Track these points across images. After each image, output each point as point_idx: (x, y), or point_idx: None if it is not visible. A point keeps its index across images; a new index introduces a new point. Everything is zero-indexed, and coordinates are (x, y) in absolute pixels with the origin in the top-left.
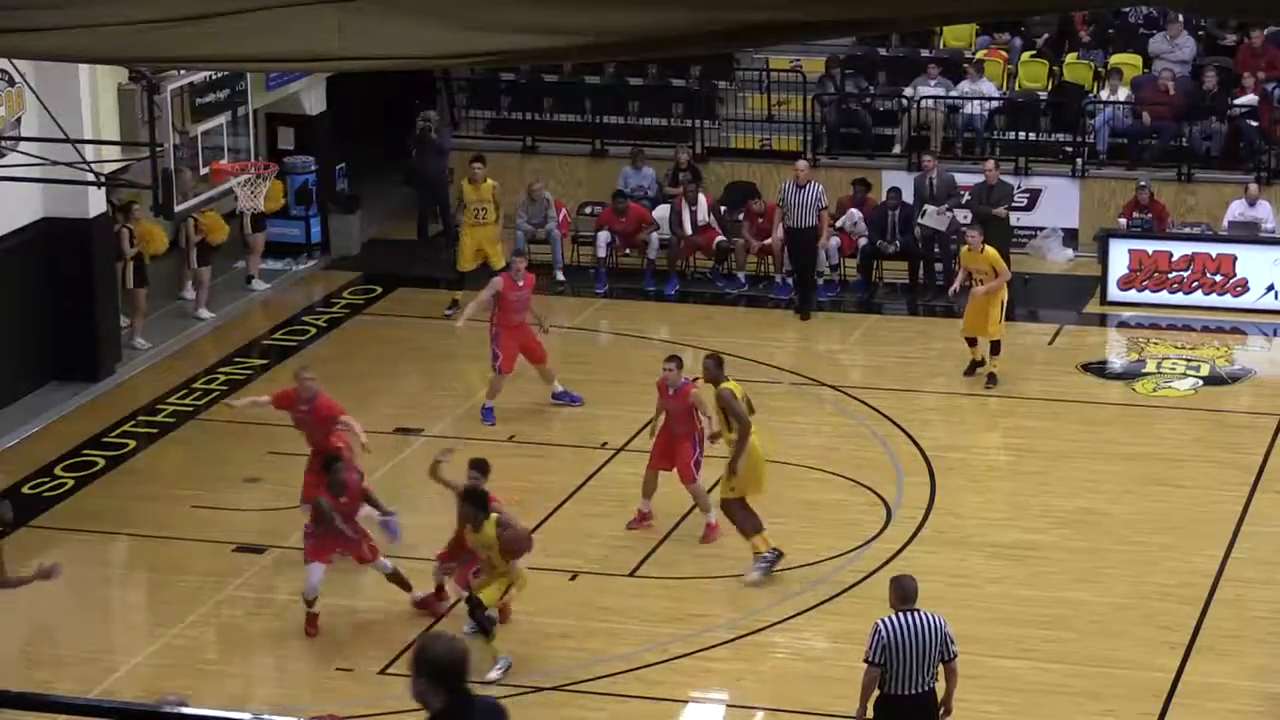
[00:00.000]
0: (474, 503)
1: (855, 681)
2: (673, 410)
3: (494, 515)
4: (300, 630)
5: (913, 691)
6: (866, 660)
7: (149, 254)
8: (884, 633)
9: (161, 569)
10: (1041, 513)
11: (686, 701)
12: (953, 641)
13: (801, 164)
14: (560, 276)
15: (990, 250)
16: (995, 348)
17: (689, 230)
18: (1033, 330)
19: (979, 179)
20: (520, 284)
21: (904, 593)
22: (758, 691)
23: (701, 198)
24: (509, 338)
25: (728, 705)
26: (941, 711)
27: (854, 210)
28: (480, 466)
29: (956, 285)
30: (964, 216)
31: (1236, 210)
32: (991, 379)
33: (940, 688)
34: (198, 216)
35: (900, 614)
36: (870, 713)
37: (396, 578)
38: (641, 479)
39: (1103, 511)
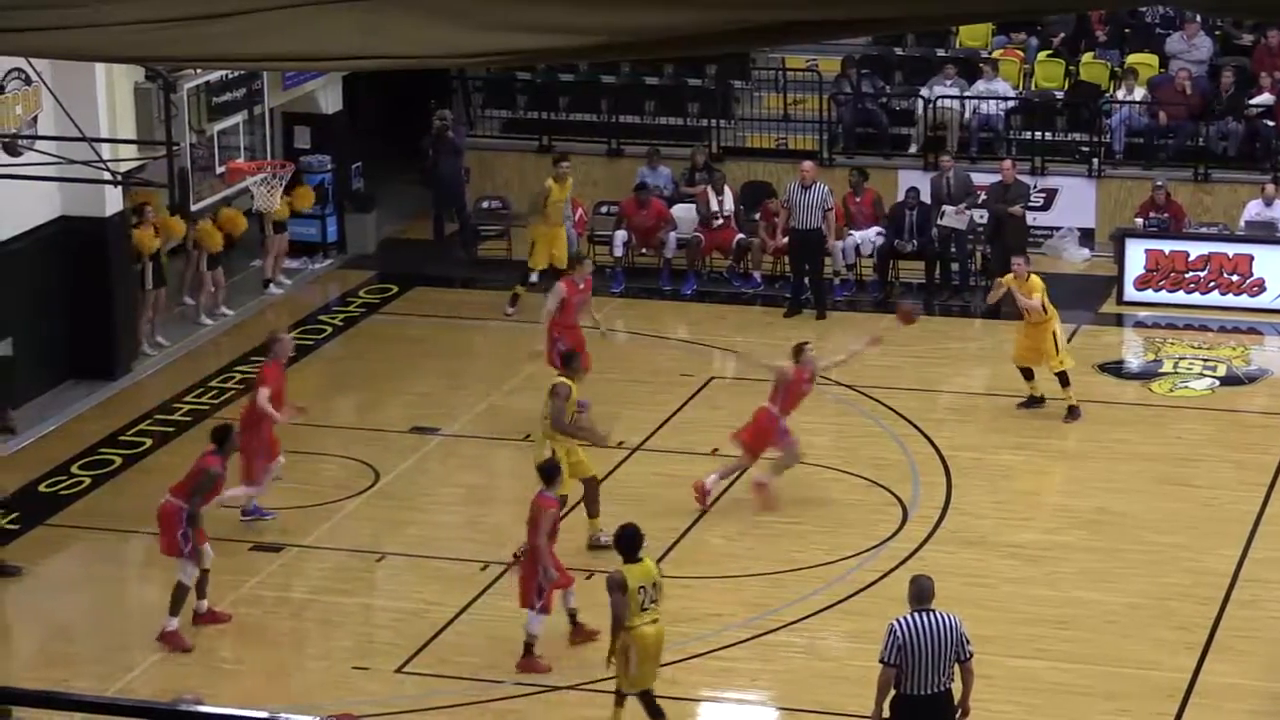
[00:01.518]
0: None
1: (871, 681)
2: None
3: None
4: (318, 628)
5: (928, 692)
6: (882, 660)
7: (158, 249)
8: (899, 633)
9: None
10: (1058, 513)
11: (703, 700)
12: (969, 642)
13: (807, 165)
14: None
15: (1035, 279)
16: (1064, 379)
17: (720, 220)
18: None
19: (995, 178)
20: (581, 286)
21: (920, 593)
22: (774, 691)
23: (728, 189)
24: (570, 340)
25: (744, 704)
26: (959, 713)
27: (857, 233)
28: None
29: (993, 299)
30: (981, 216)
31: (1253, 210)
32: (1072, 413)
33: (957, 688)
34: (196, 223)
35: (916, 614)
36: (886, 713)
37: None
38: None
39: (1119, 511)
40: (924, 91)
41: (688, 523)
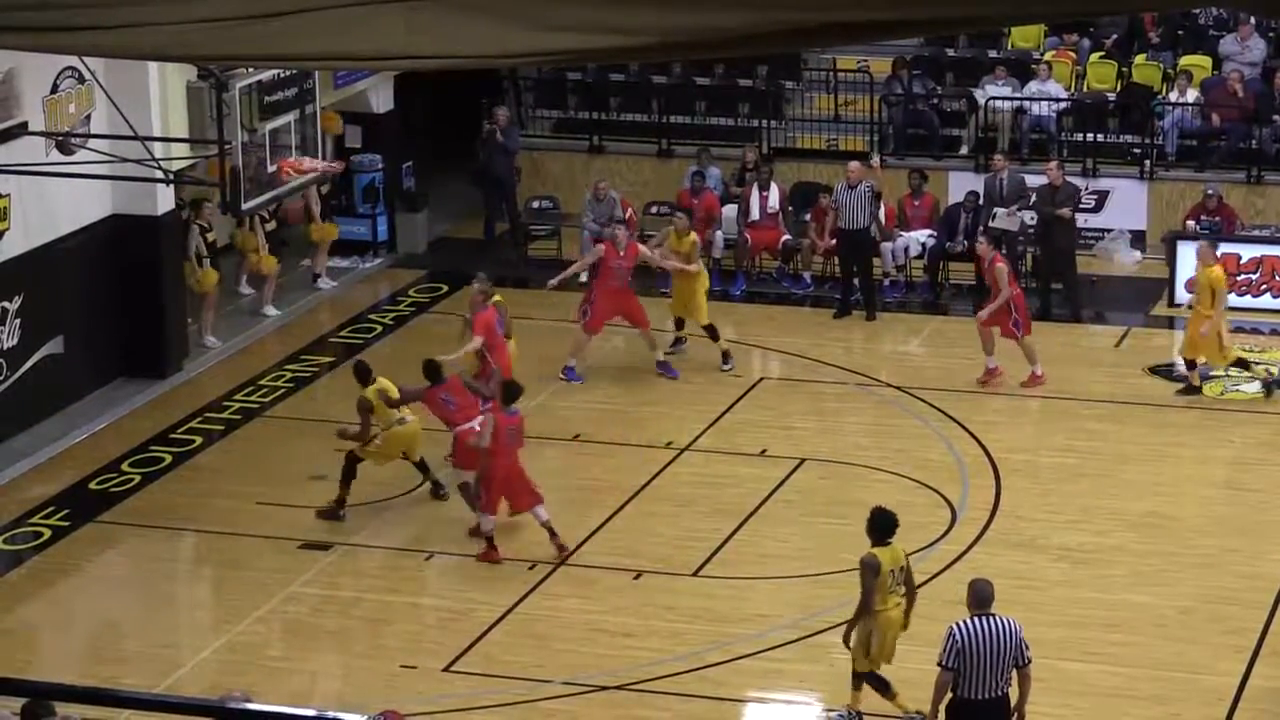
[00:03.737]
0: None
1: (919, 683)
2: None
3: None
4: (366, 626)
5: (985, 696)
6: (940, 664)
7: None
8: (958, 636)
9: (227, 565)
10: (1108, 516)
11: (750, 702)
12: (1028, 647)
13: (854, 165)
14: None
15: (1218, 271)
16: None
17: (756, 215)
18: (1100, 332)
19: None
20: (621, 253)
21: (979, 597)
22: (822, 692)
23: (774, 187)
24: (604, 301)
25: (792, 705)
26: (1015, 718)
27: (906, 235)
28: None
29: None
30: (1032, 217)
31: None
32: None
33: (1014, 694)
34: (263, 214)
35: (975, 618)
36: (942, 716)
37: None
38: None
39: (1169, 515)
40: (976, 92)
41: (735, 523)
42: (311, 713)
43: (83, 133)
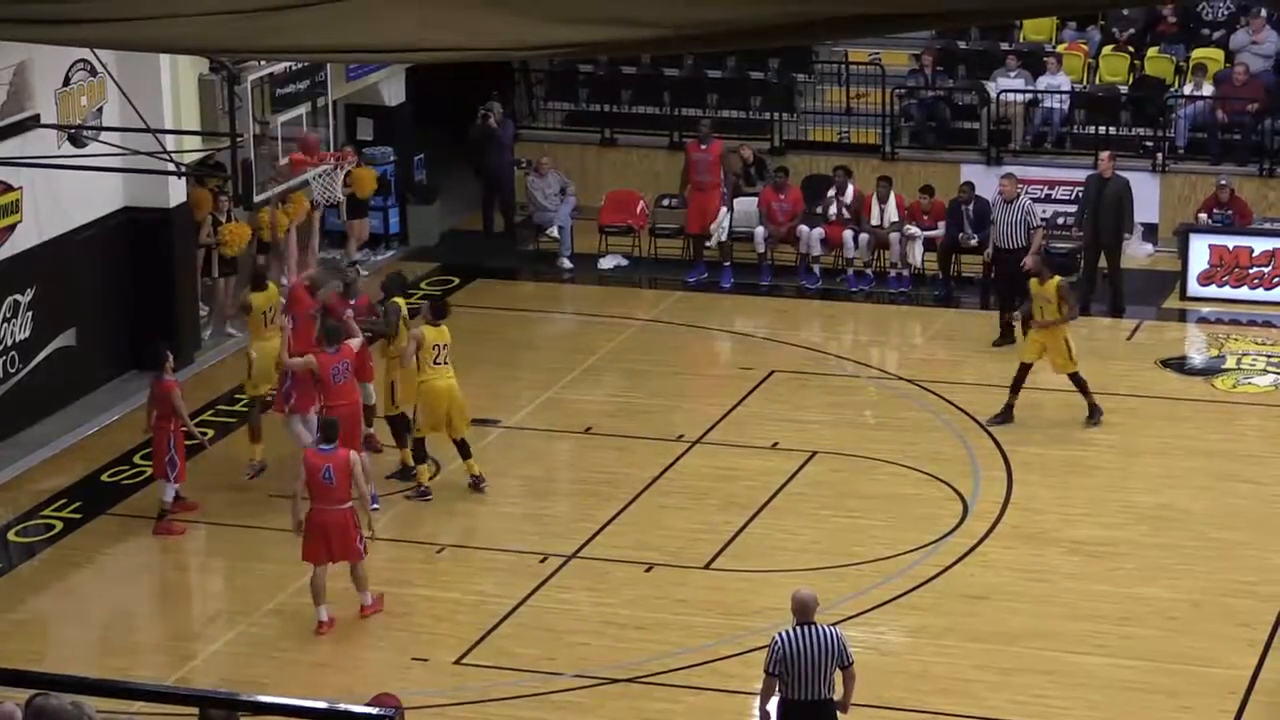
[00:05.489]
0: None
1: (932, 675)
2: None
3: None
4: (377, 619)
5: (809, 698)
6: (765, 670)
7: (230, 253)
8: (780, 645)
9: (238, 557)
10: (1119, 508)
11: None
12: (849, 651)
13: (1005, 179)
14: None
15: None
16: None
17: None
18: (1112, 325)
19: (1056, 173)
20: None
21: (802, 607)
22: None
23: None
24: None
25: None
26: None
27: (912, 226)
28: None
29: None
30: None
31: None
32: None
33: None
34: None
35: (798, 626)
36: (774, 718)
37: None
38: None
39: (1181, 508)
40: (988, 85)
41: (747, 516)
42: (323, 704)
43: (95, 125)
